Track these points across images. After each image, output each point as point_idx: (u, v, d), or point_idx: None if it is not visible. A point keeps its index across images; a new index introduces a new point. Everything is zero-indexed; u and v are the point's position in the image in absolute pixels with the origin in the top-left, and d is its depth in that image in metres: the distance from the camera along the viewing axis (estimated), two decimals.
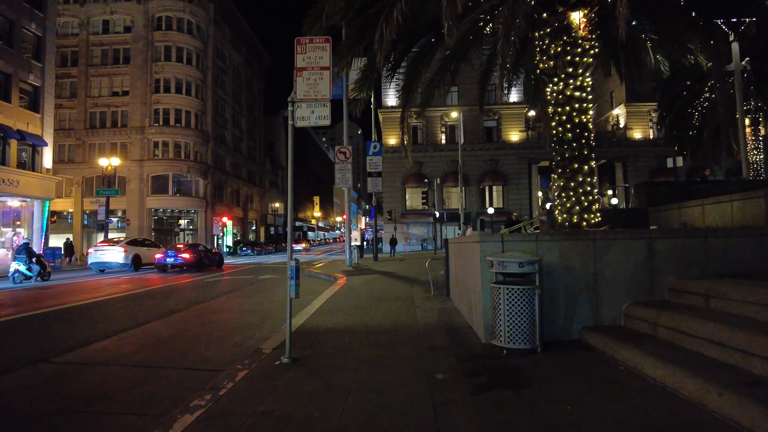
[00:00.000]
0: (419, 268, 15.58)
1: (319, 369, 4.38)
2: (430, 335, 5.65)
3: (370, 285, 11.31)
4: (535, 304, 4.63)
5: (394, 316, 7.04)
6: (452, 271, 8.14)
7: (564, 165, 6.96)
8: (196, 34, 43.33)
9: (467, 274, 6.27)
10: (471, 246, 5.76)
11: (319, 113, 4.70)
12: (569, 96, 6.92)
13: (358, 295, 9.50)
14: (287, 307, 4.96)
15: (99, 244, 18.69)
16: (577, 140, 6.87)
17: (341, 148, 16.69)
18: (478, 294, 5.32)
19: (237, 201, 52.53)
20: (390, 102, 42.99)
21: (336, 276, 13.56)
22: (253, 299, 10.04)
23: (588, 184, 6.85)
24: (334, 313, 7.38)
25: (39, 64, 24.26)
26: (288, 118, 4.75)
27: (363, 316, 7.05)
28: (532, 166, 42.42)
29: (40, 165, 24.17)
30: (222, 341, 6.29)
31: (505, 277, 4.83)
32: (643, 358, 3.95)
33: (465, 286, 6.52)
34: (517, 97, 43.25)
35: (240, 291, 11.58)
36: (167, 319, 7.96)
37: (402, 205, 42.69)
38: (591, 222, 6.76)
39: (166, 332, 6.95)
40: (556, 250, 5.14)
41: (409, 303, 8.22)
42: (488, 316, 5.09)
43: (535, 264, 4.68)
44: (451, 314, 7.01)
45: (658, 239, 5.20)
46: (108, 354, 5.65)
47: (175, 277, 15.43)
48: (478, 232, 17.10)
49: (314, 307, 8.04)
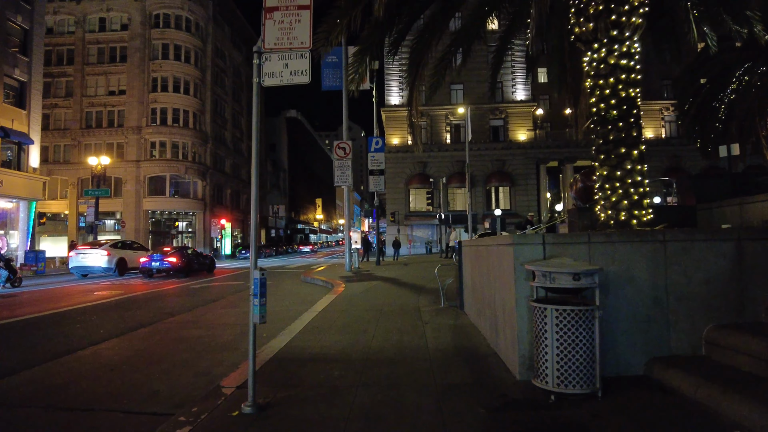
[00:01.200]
0: (426, 274, 14.27)
1: (291, 426, 3.09)
2: (445, 366, 4.35)
3: (371, 294, 10.02)
4: (594, 332, 3.34)
5: (398, 335, 5.74)
6: (468, 279, 6.84)
7: (607, 150, 5.65)
8: (195, 32, 42.28)
9: (490, 285, 4.98)
10: (498, 250, 4.47)
11: (294, 67, 3.42)
12: (613, 65, 5.61)
13: (356, 307, 8.21)
14: (249, 335, 3.70)
15: (81, 247, 17.45)
16: (624, 118, 5.57)
17: (340, 143, 15.44)
18: (509, 313, 4.03)
19: (237, 203, 51.37)
20: (393, 101, 41.78)
21: (333, 283, 12.28)
22: (237, 310, 8.77)
23: (638, 173, 5.54)
24: (325, 332, 6.09)
25: (26, 58, 23.15)
26: (253, 74, 3.46)
27: (360, 336, 5.76)
28: (541, 166, 41.06)
29: (26, 164, 23.01)
30: (184, 368, 5.03)
31: (551, 293, 3.55)
32: (760, 414, 2.66)
33: (487, 300, 5.22)
34: (525, 95, 41.96)
35: (224, 300, 10.32)
36: (129, 336, 6.69)
37: (406, 207, 41.38)
38: (642, 219, 5.45)
39: (120, 355, 5.69)
40: (615, 256, 3.84)
41: (415, 318, 6.92)
42: (525, 344, 3.80)
43: (595, 276, 3.39)
44: (468, 333, 5.71)
45: (751, 240, 3.89)
46: (28, 389, 4.38)
47: (159, 283, 14.19)
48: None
49: (303, 322, 6.75)
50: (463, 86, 41.02)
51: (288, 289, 12.60)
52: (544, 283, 3.43)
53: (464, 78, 41.23)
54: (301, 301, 9.79)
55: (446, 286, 8.44)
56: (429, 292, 9.93)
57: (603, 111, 5.70)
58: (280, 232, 66.06)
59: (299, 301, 9.68)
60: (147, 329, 7.18)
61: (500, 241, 4.42)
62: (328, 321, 6.83)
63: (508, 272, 4.02)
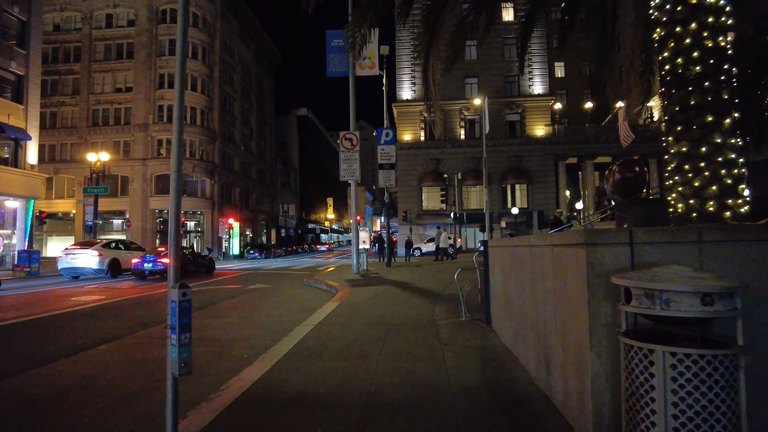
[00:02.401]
0: (440, 277, 12.91)
1: None
2: (477, 419, 3.01)
3: (379, 302, 8.70)
4: (739, 392, 1.99)
5: (410, 363, 4.42)
6: (497, 288, 5.48)
7: (687, 119, 4.27)
8: (202, 27, 41.43)
9: (536, 300, 3.63)
10: (555, 254, 3.13)
11: None
12: (695, 5, 4.23)
13: (359, 319, 6.91)
14: (167, 400, 2.40)
15: (70, 248, 16.41)
16: (711, 76, 4.18)
17: (347, 133, 14.15)
18: (576, 348, 2.69)
19: (246, 202, 50.47)
20: (405, 95, 40.44)
21: (338, 287, 10.99)
22: (221, 321, 7.53)
23: (730, 148, 4.15)
24: (316, 357, 4.79)
25: (23, 51, 22.31)
26: None
27: (360, 364, 4.45)
28: (559, 162, 39.34)
29: (24, 161, 22.18)
30: (127, 408, 3.78)
31: (656, 322, 2.21)
32: None
33: (530, 320, 3.88)
34: (542, 89, 40.30)
35: (213, 307, 9.09)
36: (81, 357, 5.48)
37: (418, 205, 39.96)
38: (738, 211, 4.06)
39: (57, 385, 4.47)
40: (746, 263, 2.47)
41: (431, 336, 5.59)
42: (604, 401, 2.46)
43: (736, 298, 2.03)
44: (501, 362, 4.37)
45: None
46: None
47: (150, 287, 13.05)
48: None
49: (292, 342, 5.47)
50: (477, 79, 39.57)
51: (287, 294, 11.36)
52: (650, 308, 2.09)
53: (479, 71, 39.78)
54: (297, 310, 8.53)
55: (466, 293, 7.09)
56: (446, 299, 8.59)
57: (680, 68, 4.31)
58: (290, 231, 65.12)
59: (295, 310, 8.41)
60: (107, 346, 5.96)
61: (558, 239, 3.06)
62: (323, 340, 5.53)
63: (574, 286, 2.68)
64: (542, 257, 3.43)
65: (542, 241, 3.47)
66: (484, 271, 6.07)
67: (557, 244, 3.06)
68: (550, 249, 3.21)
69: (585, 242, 2.59)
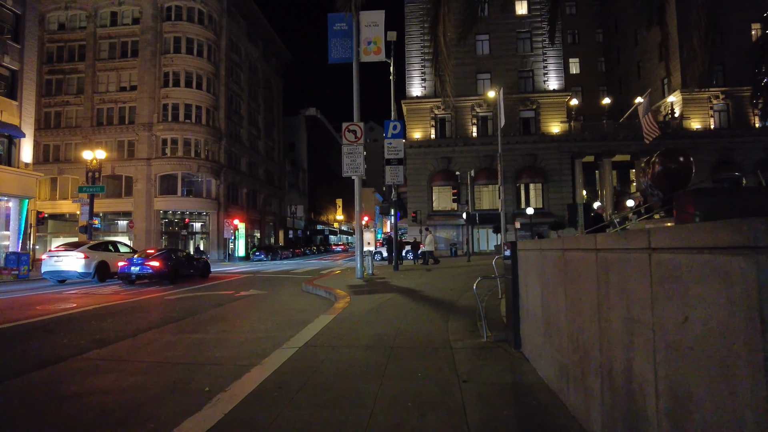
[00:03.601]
0: (453, 283, 11.58)
1: None
2: None
3: (381, 314, 7.44)
4: None
5: (417, 416, 3.15)
6: (533, 305, 4.18)
7: None
8: (208, 25, 40.61)
9: (599, 329, 2.35)
10: (667, 264, 1.84)
11: None
12: None
13: (355, 339, 5.66)
14: None
15: (54, 249, 15.39)
16: None
17: (350, 125, 12.94)
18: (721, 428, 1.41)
19: (254, 203, 49.55)
20: (415, 92, 39.18)
21: (337, 294, 9.75)
22: (194, 338, 6.32)
23: None
24: (287, 400, 3.54)
25: (17, 45, 21.49)
26: None
27: (346, 415, 3.20)
28: (575, 161, 37.75)
29: (18, 159, 21.33)
30: None
31: None
32: None
33: (593, 359, 2.59)
34: (558, 84, 38.75)
35: (191, 319, 7.89)
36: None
37: (428, 206, 38.60)
38: None
39: None
40: None
41: (446, 366, 4.31)
42: None
43: None
44: (544, 411, 3.08)
45: None
46: None
47: (134, 293, 11.93)
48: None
49: (265, 372, 4.24)
50: (490, 75, 38.19)
51: (282, 302, 10.15)
52: None
53: (491, 66, 38.42)
54: (287, 322, 7.31)
55: (484, 305, 5.82)
56: (461, 312, 7.30)
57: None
58: (298, 233, 64.15)
59: (285, 323, 7.19)
60: (38, 374, 4.77)
61: (669, 240, 1.78)
62: (304, 372, 4.28)
63: (720, 322, 1.41)
64: (625, 269, 2.15)
65: (625, 243, 2.19)
66: (511, 280, 4.78)
67: (668, 247, 1.78)
68: (646, 255, 1.93)
69: (748, 245, 1.32)
